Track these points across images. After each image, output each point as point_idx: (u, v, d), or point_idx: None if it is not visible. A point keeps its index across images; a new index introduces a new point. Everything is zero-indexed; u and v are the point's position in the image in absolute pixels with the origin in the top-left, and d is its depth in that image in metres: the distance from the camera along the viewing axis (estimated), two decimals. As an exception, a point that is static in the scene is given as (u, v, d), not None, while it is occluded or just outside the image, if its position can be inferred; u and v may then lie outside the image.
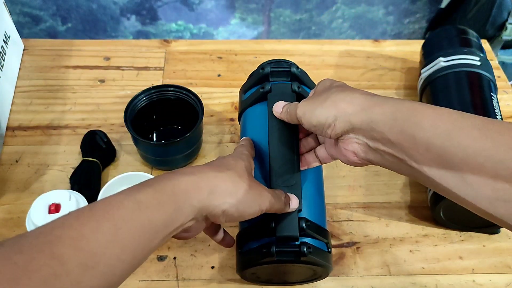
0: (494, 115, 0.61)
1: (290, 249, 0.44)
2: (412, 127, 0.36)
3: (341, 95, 0.41)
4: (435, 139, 0.34)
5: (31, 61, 0.78)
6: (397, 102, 0.38)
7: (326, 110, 0.41)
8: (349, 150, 0.41)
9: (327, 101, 0.41)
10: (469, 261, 0.58)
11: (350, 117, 0.39)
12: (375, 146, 0.39)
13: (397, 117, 0.37)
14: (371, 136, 0.39)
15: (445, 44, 0.71)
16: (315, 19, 1.39)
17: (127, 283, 0.54)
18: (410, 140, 0.36)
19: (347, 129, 0.40)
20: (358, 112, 0.39)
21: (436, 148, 0.34)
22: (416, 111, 0.36)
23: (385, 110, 0.38)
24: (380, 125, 0.37)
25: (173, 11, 1.34)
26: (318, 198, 0.51)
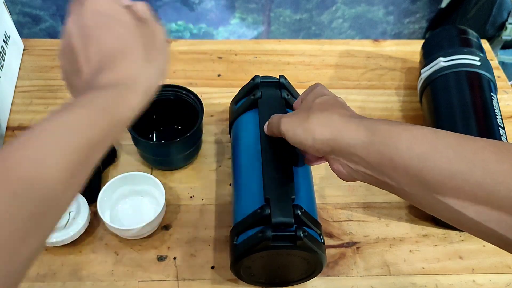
0: (494, 115, 0.61)
1: (286, 233, 0.45)
2: (389, 150, 0.36)
3: (319, 118, 0.41)
4: (411, 161, 0.35)
5: (31, 61, 0.78)
6: (373, 124, 0.38)
7: (305, 132, 0.42)
8: (337, 169, 0.42)
9: (307, 122, 0.42)
10: (469, 261, 0.58)
11: (328, 141, 0.40)
12: (357, 168, 0.39)
13: (373, 140, 0.37)
14: (351, 159, 0.39)
15: (445, 44, 0.71)
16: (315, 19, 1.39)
17: (127, 283, 0.54)
18: (388, 163, 0.36)
19: (328, 151, 0.41)
20: (335, 137, 0.39)
21: (414, 170, 0.35)
22: (391, 133, 0.37)
23: (361, 134, 0.38)
24: (358, 149, 0.38)
25: (173, 11, 1.34)
26: (309, 192, 0.53)
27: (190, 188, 0.63)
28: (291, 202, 0.46)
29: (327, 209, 0.62)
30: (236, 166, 0.56)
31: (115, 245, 0.57)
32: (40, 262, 0.56)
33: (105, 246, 0.57)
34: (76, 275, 0.55)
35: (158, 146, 0.62)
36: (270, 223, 0.45)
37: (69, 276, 0.55)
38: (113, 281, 0.55)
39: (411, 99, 0.76)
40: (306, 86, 0.77)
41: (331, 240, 0.59)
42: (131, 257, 0.57)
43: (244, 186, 0.52)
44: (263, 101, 0.56)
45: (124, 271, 0.56)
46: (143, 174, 0.59)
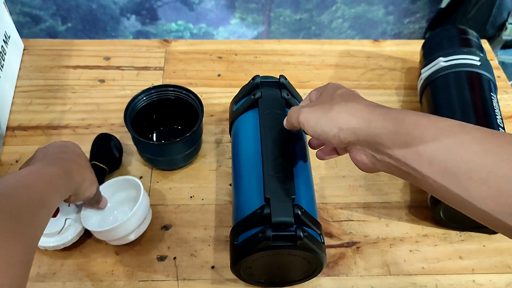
0: (494, 115, 0.61)
1: (286, 233, 0.45)
2: (415, 141, 0.36)
3: (345, 107, 0.41)
4: (438, 152, 0.35)
5: (31, 61, 0.78)
6: (399, 115, 0.38)
7: (330, 121, 0.41)
8: (358, 160, 0.41)
9: (331, 111, 0.41)
10: (469, 261, 0.58)
11: (355, 130, 0.39)
12: (381, 159, 0.39)
13: (399, 131, 0.37)
14: (376, 149, 0.39)
15: (445, 44, 0.71)
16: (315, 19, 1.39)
17: (127, 283, 0.54)
18: (413, 154, 0.36)
19: (353, 141, 0.40)
20: (362, 126, 0.39)
21: (439, 162, 0.35)
22: (417, 124, 0.37)
23: (388, 124, 0.38)
24: (383, 139, 0.38)
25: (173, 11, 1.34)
26: (309, 192, 0.53)
27: (190, 188, 0.63)
28: (291, 202, 0.46)
29: (327, 209, 0.62)
30: (236, 166, 0.55)
31: (115, 245, 0.57)
32: (40, 262, 0.56)
33: (105, 246, 0.57)
34: (76, 275, 0.55)
35: (158, 146, 0.62)
36: (270, 223, 0.45)
37: (69, 276, 0.55)
38: (113, 281, 0.55)
39: (411, 99, 0.76)
40: (306, 86, 0.77)
41: (331, 240, 0.59)
42: (131, 257, 0.57)
43: (244, 186, 0.52)
44: (263, 101, 0.56)
45: (124, 271, 0.56)
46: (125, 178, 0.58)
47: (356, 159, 0.42)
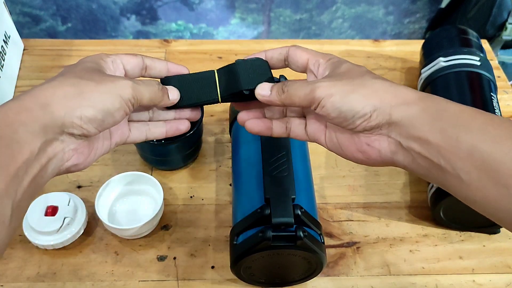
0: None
1: (286, 233, 0.45)
2: (457, 129, 0.32)
3: (382, 84, 0.36)
4: (481, 143, 0.31)
5: (31, 61, 0.78)
6: (442, 101, 0.35)
7: (364, 98, 0.35)
8: (374, 148, 0.37)
9: (364, 88, 0.36)
10: (469, 261, 0.58)
11: (392, 109, 0.35)
12: (409, 146, 0.35)
13: (442, 116, 0.33)
14: (407, 134, 0.35)
15: (445, 44, 0.71)
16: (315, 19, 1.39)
17: (127, 283, 0.54)
18: (451, 142, 0.32)
19: (383, 122, 0.35)
20: (400, 106, 0.35)
21: (481, 154, 0.31)
22: (464, 112, 0.33)
23: (430, 107, 0.34)
24: (421, 123, 0.34)
25: (173, 11, 1.34)
26: (309, 192, 0.53)
27: (190, 188, 0.63)
28: (291, 202, 0.46)
29: (327, 209, 0.62)
30: (236, 166, 0.55)
31: (115, 245, 0.57)
32: (40, 262, 0.56)
33: (105, 246, 0.57)
34: (76, 275, 0.55)
35: (158, 146, 0.62)
36: (270, 223, 0.45)
37: (69, 276, 0.55)
38: (113, 281, 0.55)
39: (411, 99, 0.76)
40: (306, 86, 0.77)
41: (331, 240, 0.59)
42: (131, 257, 0.57)
43: (244, 186, 0.52)
44: None
45: (124, 271, 0.56)
46: (141, 174, 0.59)
47: (372, 146, 0.37)
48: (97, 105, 0.35)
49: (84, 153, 0.37)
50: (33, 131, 0.32)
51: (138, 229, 0.55)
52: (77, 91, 0.34)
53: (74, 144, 0.35)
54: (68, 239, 0.55)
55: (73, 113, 0.33)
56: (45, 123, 0.32)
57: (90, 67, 0.38)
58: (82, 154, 0.37)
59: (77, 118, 0.34)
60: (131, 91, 0.37)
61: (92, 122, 0.35)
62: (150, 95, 0.39)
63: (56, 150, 0.34)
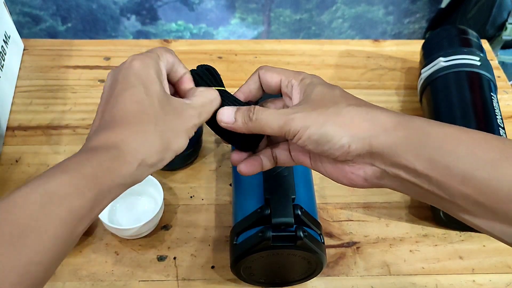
0: (494, 115, 0.61)
1: (286, 233, 0.45)
2: (445, 156, 0.31)
3: (358, 111, 0.34)
4: (474, 170, 0.30)
5: (31, 61, 0.78)
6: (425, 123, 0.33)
7: (339, 129, 0.34)
8: (358, 175, 0.36)
9: (340, 116, 0.34)
10: (469, 261, 0.58)
11: (371, 139, 0.33)
12: (395, 173, 0.33)
13: (426, 143, 0.32)
14: (392, 162, 0.33)
15: (445, 44, 0.71)
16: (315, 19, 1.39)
17: (127, 283, 0.54)
18: (442, 171, 0.31)
19: (363, 152, 0.34)
20: (380, 134, 0.33)
21: (476, 181, 0.30)
22: (448, 136, 0.32)
23: (411, 133, 0.32)
24: (404, 151, 0.32)
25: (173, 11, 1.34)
26: (309, 192, 0.53)
27: (190, 188, 0.63)
28: (291, 202, 0.46)
29: (327, 209, 0.62)
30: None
31: (115, 245, 0.57)
32: (40, 262, 0.56)
33: (105, 246, 0.57)
34: (76, 275, 0.55)
35: (158, 146, 0.62)
36: (270, 223, 0.45)
37: (69, 276, 0.55)
38: (113, 281, 0.55)
39: (411, 99, 0.76)
40: (306, 86, 0.77)
41: (331, 240, 0.59)
42: (131, 257, 0.57)
43: (244, 186, 0.52)
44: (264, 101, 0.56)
45: (124, 271, 0.56)
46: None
47: (356, 174, 0.36)
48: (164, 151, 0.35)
49: None
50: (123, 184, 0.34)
51: (138, 229, 0.55)
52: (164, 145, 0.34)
53: None
54: None
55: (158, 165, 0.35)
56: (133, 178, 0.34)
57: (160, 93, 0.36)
58: None
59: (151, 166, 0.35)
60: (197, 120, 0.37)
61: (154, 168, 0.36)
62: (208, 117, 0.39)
63: None
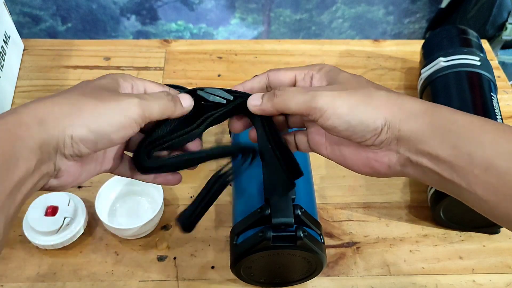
0: (494, 115, 0.61)
1: (286, 233, 0.45)
2: (469, 144, 0.31)
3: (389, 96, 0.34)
4: (497, 158, 0.30)
5: (31, 61, 0.78)
6: (451, 112, 0.33)
7: (374, 111, 0.33)
8: (382, 163, 0.35)
9: (373, 99, 0.34)
10: (469, 261, 0.58)
11: (400, 124, 0.33)
12: (419, 161, 0.33)
13: (451, 129, 0.32)
14: (416, 149, 0.33)
15: (445, 44, 0.71)
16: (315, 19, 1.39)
17: (127, 283, 0.54)
18: (464, 158, 0.31)
19: (392, 138, 0.33)
20: (408, 119, 0.33)
21: (498, 170, 0.30)
22: (473, 124, 0.32)
23: (437, 120, 0.32)
24: (430, 138, 0.32)
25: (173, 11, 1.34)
26: (309, 192, 0.53)
27: (190, 188, 0.63)
28: (291, 202, 0.46)
29: (327, 209, 0.62)
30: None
31: (115, 245, 0.57)
32: (40, 262, 0.56)
33: (105, 246, 0.57)
34: (76, 275, 0.55)
35: (158, 146, 0.62)
36: (270, 223, 0.45)
37: (69, 276, 0.55)
38: (113, 281, 0.55)
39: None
40: (306, 86, 0.77)
41: (331, 240, 0.59)
42: (131, 257, 0.57)
43: (244, 186, 0.52)
44: None
45: (124, 271, 0.56)
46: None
47: (381, 161, 0.35)
48: (91, 125, 0.32)
49: (73, 174, 0.35)
50: (30, 148, 0.30)
51: (138, 229, 0.55)
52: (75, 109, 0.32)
53: (65, 165, 0.34)
54: (68, 239, 0.55)
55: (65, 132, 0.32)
56: (41, 140, 0.31)
57: (104, 84, 0.36)
58: (71, 176, 0.35)
59: (68, 137, 0.32)
60: (137, 109, 0.34)
61: (84, 143, 0.32)
62: (160, 109, 0.36)
63: (48, 169, 0.32)
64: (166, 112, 0.37)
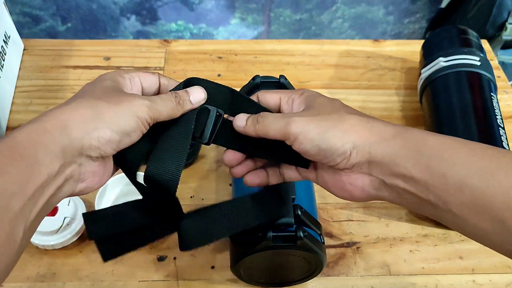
0: (494, 115, 0.61)
1: (286, 233, 0.45)
2: (442, 164, 0.31)
3: (360, 120, 0.35)
4: (469, 178, 0.30)
5: (31, 61, 0.78)
6: (421, 134, 0.34)
7: (343, 135, 0.34)
8: (357, 186, 0.36)
9: (343, 123, 0.35)
10: (469, 261, 0.58)
11: (371, 147, 0.34)
12: (393, 183, 0.34)
13: (423, 151, 0.32)
14: (390, 171, 0.34)
15: (445, 44, 0.71)
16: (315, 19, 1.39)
17: (127, 283, 0.54)
18: (438, 178, 0.31)
19: (363, 161, 0.35)
20: (379, 143, 0.34)
21: (471, 189, 0.30)
22: (444, 145, 0.33)
23: (409, 142, 0.33)
24: (403, 160, 0.33)
25: (173, 11, 1.34)
26: (309, 192, 0.53)
27: (190, 188, 0.63)
28: (291, 202, 0.46)
29: (327, 209, 0.62)
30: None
31: (115, 245, 0.57)
32: (40, 262, 0.56)
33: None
34: (76, 275, 0.55)
35: (158, 146, 0.62)
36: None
37: (69, 276, 0.55)
38: (113, 281, 0.55)
39: (411, 99, 0.76)
40: (306, 86, 0.77)
41: (331, 240, 0.59)
42: (131, 257, 0.57)
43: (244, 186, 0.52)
44: None
45: (124, 271, 0.56)
46: (141, 174, 0.59)
47: (354, 185, 0.36)
48: (113, 126, 0.34)
49: (98, 174, 0.37)
50: (53, 153, 0.32)
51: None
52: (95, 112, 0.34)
53: (91, 166, 0.35)
54: (68, 239, 0.55)
55: (91, 135, 0.33)
56: (64, 145, 0.32)
57: (109, 86, 0.37)
58: (97, 176, 0.37)
59: (95, 140, 0.33)
60: (147, 111, 0.36)
61: (109, 143, 0.34)
62: (167, 113, 0.38)
63: (73, 172, 0.34)
64: (172, 116, 0.39)
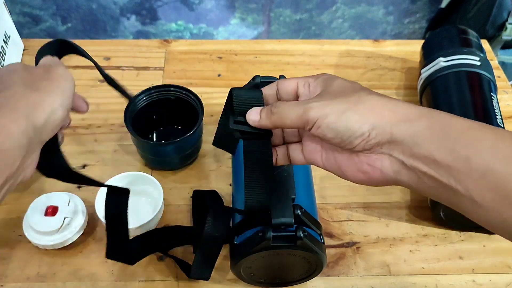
0: (494, 115, 0.61)
1: (286, 233, 0.45)
2: (467, 148, 0.30)
3: (379, 100, 0.34)
4: (495, 164, 0.29)
5: (31, 61, 0.77)
6: (448, 117, 0.33)
7: (361, 116, 0.34)
8: (375, 167, 0.35)
9: (361, 104, 0.34)
10: (469, 261, 0.58)
11: (392, 127, 0.33)
12: (414, 166, 0.33)
13: (448, 133, 0.31)
14: (411, 153, 0.33)
15: (445, 44, 0.71)
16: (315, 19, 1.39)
17: (127, 283, 0.54)
18: (462, 162, 0.30)
19: (383, 141, 0.34)
20: (401, 123, 0.33)
21: (495, 175, 0.29)
22: (471, 129, 0.31)
23: (434, 124, 0.32)
24: (426, 141, 0.32)
25: (173, 11, 1.34)
26: (309, 192, 0.53)
27: (190, 188, 0.63)
28: (291, 202, 0.46)
29: (327, 209, 0.62)
30: (236, 166, 0.55)
31: (115, 245, 0.57)
32: (40, 262, 0.56)
33: (105, 246, 0.57)
34: (76, 275, 0.55)
35: (158, 146, 0.62)
36: (270, 223, 0.45)
37: (69, 276, 0.55)
38: (113, 281, 0.55)
39: (411, 99, 0.76)
40: (306, 86, 0.77)
41: (331, 240, 0.59)
42: (131, 257, 0.57)
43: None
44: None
45: (124, 271, 0.55)
46: (141, 174, 0.59)
47: (373, 166, 0.35)
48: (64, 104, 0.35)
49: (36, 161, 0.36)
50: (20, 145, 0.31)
51: (138, 229, 0.54)
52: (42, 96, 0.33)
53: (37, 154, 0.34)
54: (68, 239, 0.55)
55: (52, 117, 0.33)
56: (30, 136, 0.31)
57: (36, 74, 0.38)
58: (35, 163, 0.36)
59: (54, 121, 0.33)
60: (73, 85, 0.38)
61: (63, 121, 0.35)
62: None
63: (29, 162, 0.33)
64: None
